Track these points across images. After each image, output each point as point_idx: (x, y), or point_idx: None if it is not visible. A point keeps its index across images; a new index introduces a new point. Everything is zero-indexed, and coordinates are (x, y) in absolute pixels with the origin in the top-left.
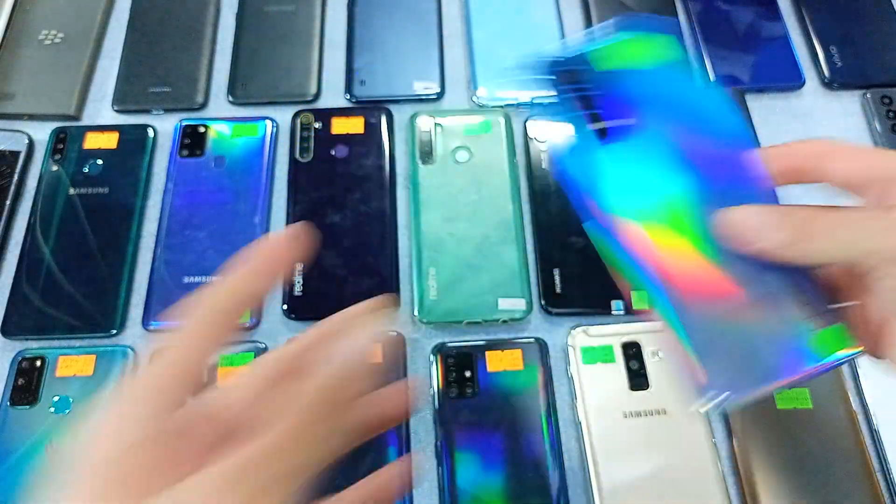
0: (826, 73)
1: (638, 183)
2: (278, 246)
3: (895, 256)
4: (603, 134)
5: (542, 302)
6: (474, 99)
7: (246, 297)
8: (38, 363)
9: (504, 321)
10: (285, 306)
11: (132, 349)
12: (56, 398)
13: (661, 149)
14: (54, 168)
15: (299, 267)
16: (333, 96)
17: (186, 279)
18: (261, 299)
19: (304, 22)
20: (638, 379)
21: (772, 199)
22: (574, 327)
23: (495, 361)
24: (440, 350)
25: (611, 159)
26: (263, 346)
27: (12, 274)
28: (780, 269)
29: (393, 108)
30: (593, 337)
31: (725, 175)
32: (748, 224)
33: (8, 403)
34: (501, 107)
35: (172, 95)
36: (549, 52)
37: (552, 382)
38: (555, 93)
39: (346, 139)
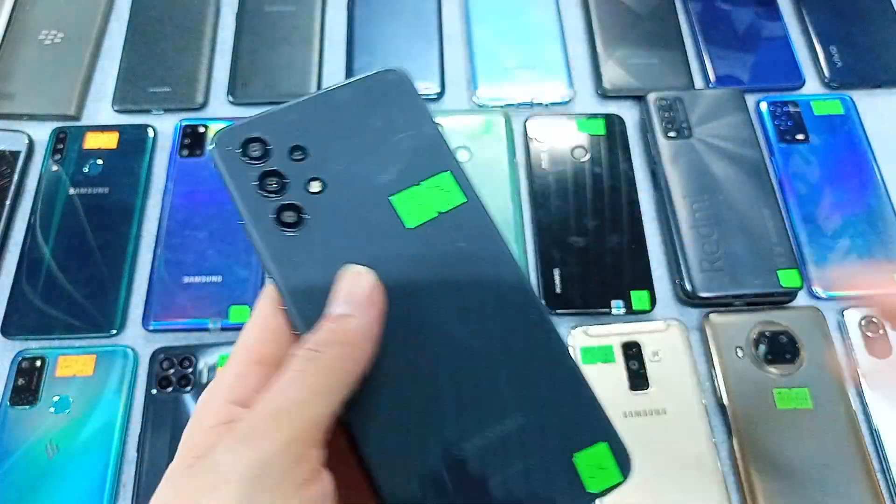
0: (826, 73)
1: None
2: None
3: None
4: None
5: (542, 302)
6: (474, 99)
7: None
8: (38, 363)
9: None
10: None
11: (132, 349)
12: (56, 398)
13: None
14: (54, 168)
15: None
16: None
17: (186, 279)
18: None
19: (304, 22)
20: (638, 379)
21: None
22: (574, 327)
23: None
24: None
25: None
26: None
27: (12, 274)
28: None
29: None
30: (593, 337)
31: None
32: None
33: (8, 403)
34: (501, 107)
35: (172, 95)
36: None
37: None
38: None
39: None
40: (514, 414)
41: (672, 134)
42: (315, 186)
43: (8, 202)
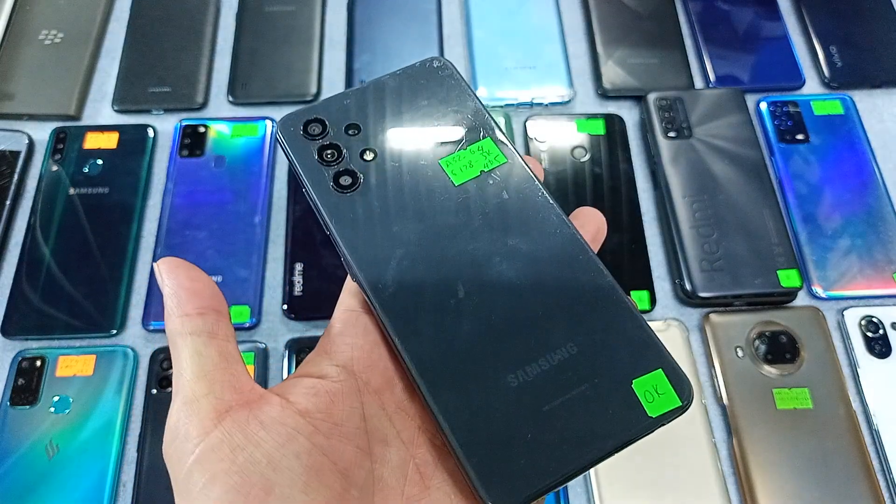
0: (826, 73)
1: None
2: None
3: None
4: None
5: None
6: None
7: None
8: (38, 363)
9: None
10: (285, 306)
11: (132, 349)
12: (56, 398)
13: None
14: (54, 168)
15: (300, 267)
16: None
17: None
18: None
19: (304, 22)
20: None
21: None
22: None
23: None
24: None
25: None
26: (263, 345)
27: (12, 274)
28: None
29: None
30: None
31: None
32: None
33: (8, 403)
34: (501, 107)
35: (172, 95)
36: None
37: None
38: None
39: None
40: (570, 344)
41: (672, 134)
42: (368, 155)
43: (8, 202)
